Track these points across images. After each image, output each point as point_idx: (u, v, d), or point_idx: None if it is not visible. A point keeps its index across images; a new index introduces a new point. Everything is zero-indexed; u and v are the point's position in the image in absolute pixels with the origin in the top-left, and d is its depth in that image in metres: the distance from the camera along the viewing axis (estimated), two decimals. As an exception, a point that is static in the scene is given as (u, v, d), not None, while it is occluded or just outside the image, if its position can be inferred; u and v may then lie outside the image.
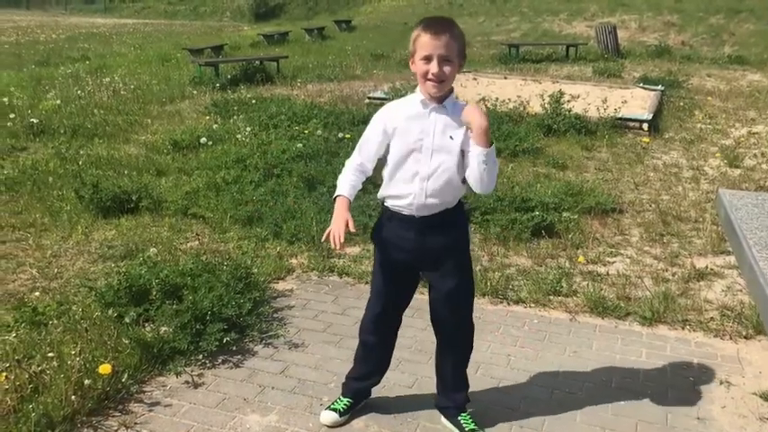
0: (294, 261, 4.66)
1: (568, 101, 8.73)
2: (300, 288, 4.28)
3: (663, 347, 3.65)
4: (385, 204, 2.69)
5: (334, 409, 2.93)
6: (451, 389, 2.91)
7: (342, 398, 2.98)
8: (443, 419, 2.92)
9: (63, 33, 26.40)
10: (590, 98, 10.05)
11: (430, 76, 2.46)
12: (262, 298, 3.98)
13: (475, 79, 12.81)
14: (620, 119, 8.76)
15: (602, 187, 6.35)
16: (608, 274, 4.54)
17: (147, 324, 3.60)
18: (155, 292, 3.69)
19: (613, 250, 4.96)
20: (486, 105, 8.92)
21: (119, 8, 46.31)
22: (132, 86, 11.31)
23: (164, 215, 5.48)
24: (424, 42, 2.46)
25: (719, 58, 17.18)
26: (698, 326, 3.87)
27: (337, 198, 2.63)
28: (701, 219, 5.63)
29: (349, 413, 2.95)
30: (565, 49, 17.21)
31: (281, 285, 4.30)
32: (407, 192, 2.58)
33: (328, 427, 2.90)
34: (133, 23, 34.23)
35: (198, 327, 3.44)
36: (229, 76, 12.02)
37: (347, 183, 2.65)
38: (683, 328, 3.85)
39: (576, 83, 12.47)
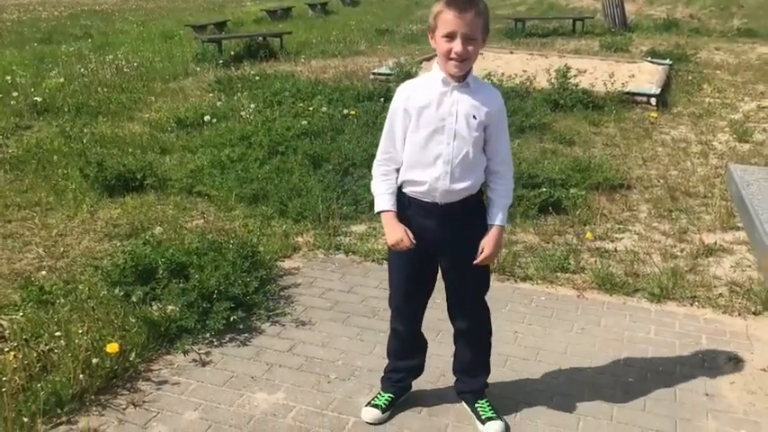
0: (300, 239, 4.64)
1: (575, 75, 8.64)
2: (307, 266, 4.27)
3: (671, 324, 3.63)
4: (402, 191, 2.54)
5: (376, 405, 2.81)
6: (468, 373, 2.84)
7: (382, 393, 2.86)
8: (463, 404, 2.87)
9: (65, 11, 26.14)
10: (597, 73, 9.94)
11: (453, 55, 2.34)
12: (268, 276, 3.97)
13: (481, 54, 12.62)
14: (628, 93, 8.67)
15: (610, 163, 6.29)
16: (616, 250, 4.51)
17: (153, 303, 3.58)
18: (161, 271, 3.67)
19: (621, 226, 4.92)
20: (492, 80, 8.82)
21: (121, -16, 45.81)
22: (135, 64, 11.21)
23: (169, 193, 5.46)
24: (447, 20, 2.33)
25: (728, 31, 16.95)
26: (707, 302, 3.85)
27: (381, 214, 2.54)
28: (709, 194, 5.58)
29: (391, 409, 2.83)
30: (571, 23, 16.99)
31: (287, 264, 4.29)
32: (429, 177, 2.45)
33: (368, 423, 2.78)
34: (135, 0, 33.94)
35: (205, 305, 3.43)
36: (232, 53, 11.91)
37: (383, 193, 2.53)
38: (691, 305, 3.84)
39: (583, 57, 12.33)
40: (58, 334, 3.16)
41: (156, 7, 28.35)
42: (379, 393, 2.88)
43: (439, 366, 3.12)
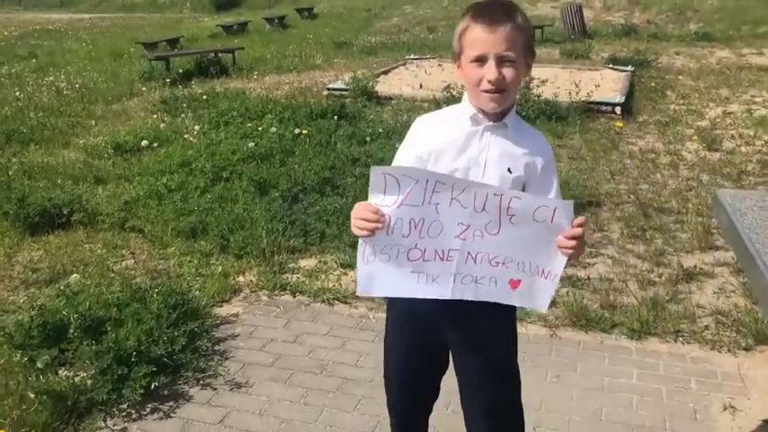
0: (241, 279, 4.16)
1: (537, 86, 8.31)
2: (247, 311, 3.79)
3: (655, 366, 3.24)
4: None
5: None
6: None
7: None
8: None
9: (15, 30, 25.23)
10: (559, 81, 9.65)
11: (485, 84, 1.77)
12: (201, 328, 3.47)
13: (440, 65, 12.36)
14: (592, 103, 8.38)
15: (577, 178, 5.94)
16: (589, 278, 4.13)
17: (63, 368, 3.09)
18: (73, 330, 3.17)
19: (593, 250, 4.55)
20: (451, 93, 8.46)
21: (75, 2, 44.88)
22: (77, 85, 10.63)
23: (99, 230, 4.93)
24: (476, 38, 1.77)
25: (686, 36, 16.96)
26: (692, 337, 3.48)
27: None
28: (683, 209, 5.25)
29: None
30: (531, 31, 16.81)
31: (225, 309, 3.81)
32: None
33: None
34: (90, 18, 33.04)
35: (121, 371, 2.94)
36: (181, 71, 11.37)
37: None
38: (675, 341, 3.46)
39: (545, 66, 12.06)
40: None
41: (112, 25, 27.62)
42: None
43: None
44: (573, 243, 1.76)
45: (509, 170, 1.85)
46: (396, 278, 1.83)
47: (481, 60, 1.77)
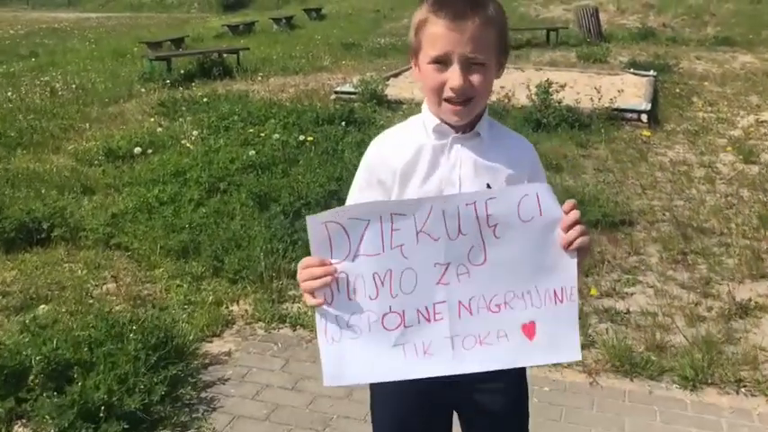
0: (235, 308, 3.69)
1: (557, 91, 7.82)
2: (241, 349, 3.32)
3: (717, 425, 2.76)
4: None
5: None
6: None
7: None
8: None
9: (22, 29, 24.90)
10: (578, 86, 9.15)
11: (447, 91, 1.44)
12: (185, 371, 3.01)
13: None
14: (616, 110, 7.87)
15: (606, 193, 5.45)
16: (629, 311, 3.64)
17: (19, 422, 2.63)
18: (34, 375, 2.71)
19: (630, 277, 4.06)
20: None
21: (82, 2, 44.65)
22: (74, 86, 10.20)
23: (81, 247, 4.48)
24: (437, 34, 1.42)
25: (706, 40, 16.42)
26: (756, 387, 2.99)
27: None
28: (726, 230, 4.76)
29: None
30: (545, 33, 16.32)
31: (215, 346, 3.34)
32: None
33: None
34: (96, 17, 32.74)
35: (86, 430, 2.48)
36: (183, 72, 10.92)
37: None
38: (737, 392, 2.97)
39: (561, 69, 11.59)
40: None
41: (118, 24, 27.30)
42: None
43: None
44: (578, 230, 1.40)
45: (488, 186, 1.53)
46: (375, 358, 1.40)
47: (443, 62, 1.43)
